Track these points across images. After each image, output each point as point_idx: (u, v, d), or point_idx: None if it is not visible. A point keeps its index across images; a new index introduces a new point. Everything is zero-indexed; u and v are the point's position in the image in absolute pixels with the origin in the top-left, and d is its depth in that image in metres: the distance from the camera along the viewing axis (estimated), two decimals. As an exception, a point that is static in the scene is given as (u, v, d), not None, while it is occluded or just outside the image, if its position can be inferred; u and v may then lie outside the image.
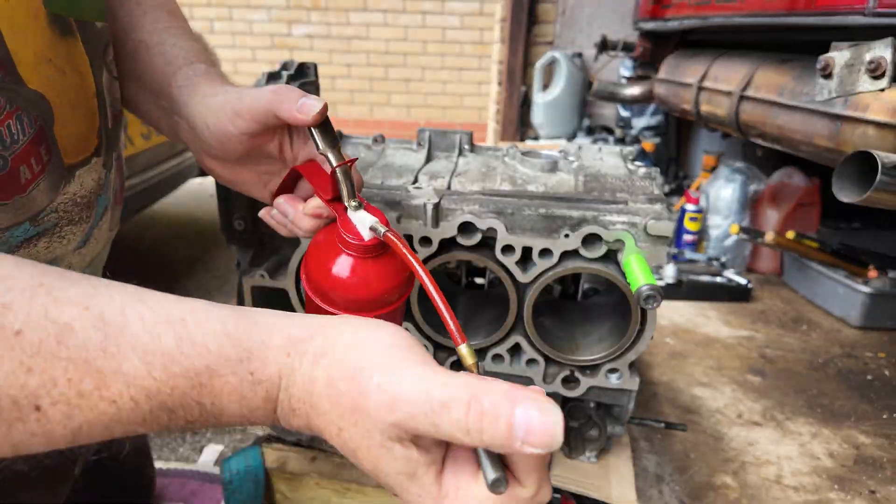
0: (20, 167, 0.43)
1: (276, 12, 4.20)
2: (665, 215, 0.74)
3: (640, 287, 0.61)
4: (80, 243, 0.53)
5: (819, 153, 1.63)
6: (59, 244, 0.50)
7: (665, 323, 2.19)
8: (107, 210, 0.57)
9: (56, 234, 0.49)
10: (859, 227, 2.60)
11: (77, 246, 0.53)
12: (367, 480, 0.94)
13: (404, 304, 0.56)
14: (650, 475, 1.40)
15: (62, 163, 0.48)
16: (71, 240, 0.51)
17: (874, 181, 0.96)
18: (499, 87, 3.96)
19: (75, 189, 0.50)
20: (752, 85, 1.93)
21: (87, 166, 0.51)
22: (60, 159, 0.47)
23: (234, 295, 0.90)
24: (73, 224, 0.51)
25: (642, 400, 1.67)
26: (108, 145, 0.55)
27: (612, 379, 0.82)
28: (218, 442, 1.48)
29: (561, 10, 3.76)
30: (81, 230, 0.52)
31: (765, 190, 2.63)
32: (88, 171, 0.51)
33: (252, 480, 0.95)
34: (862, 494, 1.37)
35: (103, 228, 0.57)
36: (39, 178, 0.45)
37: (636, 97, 2.89)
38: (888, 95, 1.33)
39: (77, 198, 0.50)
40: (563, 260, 0.76)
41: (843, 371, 1.91)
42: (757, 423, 1.62)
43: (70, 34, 0.48)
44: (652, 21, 2.58)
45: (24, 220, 0.45)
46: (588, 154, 0.99)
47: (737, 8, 1.97)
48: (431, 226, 0.76)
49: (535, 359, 0.83)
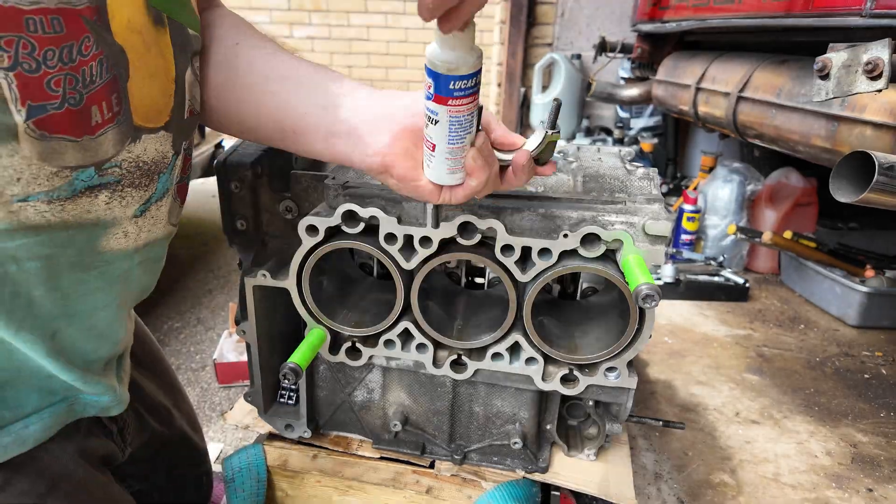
0: (92, 107, 0.47)
1: (278, 14, 4.21)
2: (663, 215, 0.75)
3: (639, 286, 0.62)
4: (138, 211, 0.56)
5: (816, 154, 1.64)
6: (118, 203, 0.53)
7: (663, 322, 2.20)
8: (167, 193, 0.61)
9: (117, 192, 0.53)
10: (856, 227, 2.61)
11: (135, 213, 0.56)
12: (367, 478, 0.94)
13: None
14: (648, 473, 1.41)
15: (131, 120, 0.51)
16: (131, 203, 0.55)
17: (871, 181, 0.96)
18: (498, 88, 3.96)
19: (139, 152, 0.53)
20: (750, 86, 1.94)
21: (156, 135, 0.55)
22: (130, 116, 0.51)
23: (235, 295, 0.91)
24: (134, 187, 0.54)
25: (640, 398, 1.68)
26: (178, 130, 0.59)
27: (610, 377, 0.83)
28: (219, 440, 1.49)
29: (560, 11, 3.77)
30: (141, 197, 0.56)
31: (762, 190, 2.64)
32: (154, 140, 0.55)
33: (254, 478, 0.96)
34: (859, 492, 1.38)
35: (163, 210, 0.61)
36: (109, 126, 0.49)
37: (634, 98, 2.90)
38: (885, 96, 1.33)
39: (140, 162, 0.54)
40: (562, 259, 0.77)
41: (840, 370, 1.92)
42: (755, 421, 1.63)
43: (161, 25, 0.53)
44: (650, 23, 2.59)
45: (90, 165, 0.49)
46: (587, 155, 1.00)
47: (734, 9, 1.98)
48: (432, 226, 0.77)
49: (535, 357, 0.84)
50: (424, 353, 0.86)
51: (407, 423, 0.97)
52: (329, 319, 0.86)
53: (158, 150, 0.56)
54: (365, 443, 1.02)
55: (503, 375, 0.88)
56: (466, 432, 0.97)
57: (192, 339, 1.99)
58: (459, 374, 0.87)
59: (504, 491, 0.90)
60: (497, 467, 0.96)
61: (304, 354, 0.80)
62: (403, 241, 0.78)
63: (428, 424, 0.98)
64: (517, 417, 0.94)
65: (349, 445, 1.01)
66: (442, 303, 0.91)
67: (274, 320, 0.93)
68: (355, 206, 0.77)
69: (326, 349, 0.88)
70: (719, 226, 2.66)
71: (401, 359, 0.89)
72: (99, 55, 0.46)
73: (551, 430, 0.96)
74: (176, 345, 1.95)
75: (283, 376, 0.75)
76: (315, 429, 1.01)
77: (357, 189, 0.81)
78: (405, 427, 0.97)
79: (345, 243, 0.79)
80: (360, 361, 0.89)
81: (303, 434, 0.99)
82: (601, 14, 3.72)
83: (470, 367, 0.86)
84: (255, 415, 1.03)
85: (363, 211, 0.77)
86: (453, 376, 0.87)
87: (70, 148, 0.46)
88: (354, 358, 0.89)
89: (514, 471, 0.96)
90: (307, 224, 0.78)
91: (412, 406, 0.97)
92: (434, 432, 0.98)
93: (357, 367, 0.95)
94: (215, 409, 1.63)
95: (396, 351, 0.87)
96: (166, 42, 0.54)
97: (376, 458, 0.99)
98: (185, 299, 2.25)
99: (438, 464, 0.98)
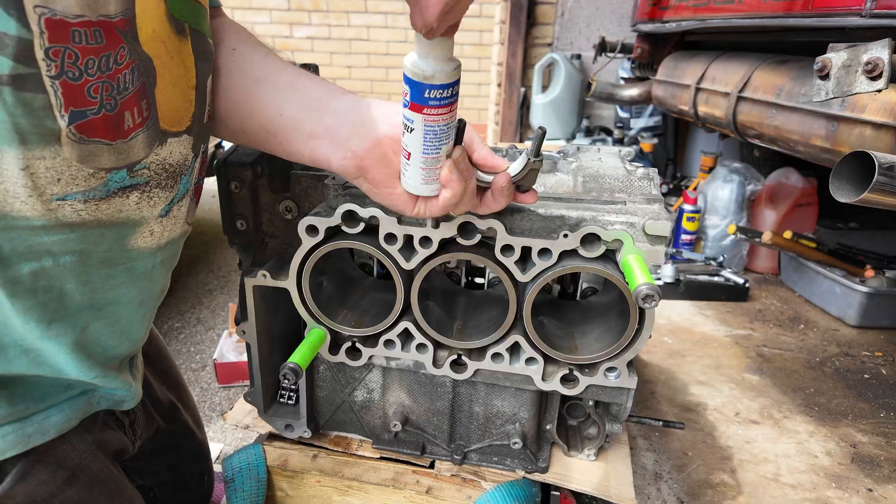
0: (125, 112, 0.50)
1: (278, 14, 4.21)
2: (663, 215, 0.75)
3: (639, 286, 0.62)
4: (163, 211, 0.59)
5: (816, 154, 1.64)
6: (147, 203, 0.57)
7: (663, 322, 2.20)
8: (187, 194, 0.64)
9: (146, 193, 0.56)
10: (856, 227, 2.61)
11: (160, 213, 0.59)
12: (367, 478, 0.94)
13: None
14: (648, 473, 1.41)
15: (159, 124, 0.55)
16: (157, 203, 0.58)
17: (871, 182, 0.96)
18: (498, 88, 3.96)
19: (165, 154, 0.56)
20: (750, 86, 1.94)
21: (179, 139, 0.58)
22: (157, 121, 0.54)
23: (235, 295, 0.91)
24: (161, 188, 0.58)
25: (640, 398, 1.68)
26: (199, 134, 0.62)
27: (610, 377, 0.83)
28: (219, 440, 1.49)
29: (560, 11, 3.76)
30: (166, 197, 0.59)
31: (762, 190, 2.64)
32: (179, 143, 0.58)
33: (254, 478, 0.96)
34: (859, 492, 1.38)
35: (182, 210, 0.64)
36: (139, 130, 0.52)
37: (634, 98, 2.90)
38: (885, 96, 1.33)
39: (166, 164, 0.57)
40: (562, 259, 0.77)
41: (840, 370, 1.92)
42: (755, 421, 1.63)
43: (183, 35, 0.56)
44: (650, 22, 2.59)
45: (123, 167, 0.52)
46: (587, 155, 1.00)
47: (734, 9, 1.97)
48: (432, 226, 0.77)
49: (534, 357, 0.84)
50: (424, 354, 0.86)
51: (407, 423, 0.97)
52: (329, 319, 0.86)
53: (181, 153, 0.59)
54: (365, 443, 1.02)
55: (503, 375, 0.88)
56: (466, 432, 0.97)
57: (192, 339, 1.99)
58: (459, 374, 0.87)
59: (504, 491, 0.90)
60: (497, 467, 0.96)
61: (304, 354, 0.80)
62: (403, 242, 0.78)
63: (428, 424, 0.98)
64: (517, 417, 0.94)
65: (349, 445, 1.01)
66: (442, 303, 0.91)
67: (274, 320, 0.93)
68: (355, 206, 0.77)
69: (326, 349, 0.88)
70: (719, 226, 2.66)
71: (401, 359, 0.89)
72: (132, 63, 0.49)
73: (551, 431, 0.96)
74: (176, 345, 1.95)
75: (283, 376, 0.75)
76: (315, 429, 1.01)
77: (357, 189, 0.81)
78: (405, 427, 0.97)
79: (345, 243, 0.79)
80: (360, 361, 0.89)
81: (303, 434, 0.99)
82: (601, 14, 3.72)
83: (470, 368, 0.86)
84: (254, 415, 1.03)
85: (363, 211, 0.77)
86: (453, 376, 0.87)
87: (105, 151, 0.50)
88: (354, 358, 0.89)
89: (513, 471, 0.96)
90: (307, 224, 0.78)
91: (412, 406, 0.97)
92: (434, 432, 0.98)
93: (357, 367, 0.95)
94: (215, 409, 1.63)
95: (396, 351, 0.87)
96: (188, 51, 0.57)
97: (376, 459, 0.99)
98: (185, 299, 2.25)
99: (438, 464, 0.98)
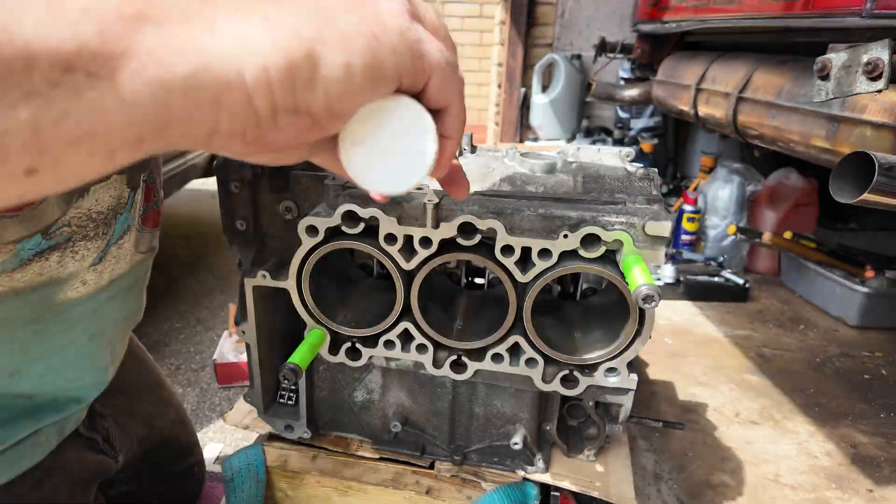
0: None
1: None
2: (663, 216, 0.75)
3: (639, 287, 0.61)
4: (95, 260, 0.54)
5: (816, 154, 1.64)
6: (71, 259, 0.51)
7: (663, 322, 2.20)
8: (129, 230, 0.57)
9: (69, 249, 0.50)
10: (856, 228, 2.62)
11: (92, 263, 0.53)
12: (367, 479, 0.94)
13: None
14: (648, 474, 1.40)
15: None
16: (85, 255, 0.52)
17: (871, 182, 0.96)
18: (498, 88, 3.96)
19: (90, 204, 0.50)
20: (750, 86, 1.94)
21: (105, 183, 0.52)
22: None
23: (235, 295, 0.91)
24: (87, 240, 0.51)
25: (641, 399, 1.68)
26: (133, 167, 0.55)
27: (610, 378, 0.83)
28: (219, 441, 1.49)
29: (560, 12, 3.77)
30: (96, 247, 0.53)
31: (762, 190, 2.65)
32: (105, 188, 0.52)
33: (253, 479, 0.96)
34: (859, 493, 1.38)
35: (125, 248, 0.58)
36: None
37: (634, 98, 2.90)
38: (885, 96, 1.33)
39: (92, 213, 0.51)
40: (562, 260, 0.76)
41: (840, 370, 1.92)
42: (755, 422, 1.63)
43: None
44: (650, 23, 2.59)
45: (35, 233, 0.46)
46: (587, 155, 1.00)
47: (735, 10, 1.97)
48: (431, 226, 0.76)
49: (534, 358, 0.84)
50: (424, 354, 0.86)
51: (407, 423, 0.97)
52: (329, 320, 0.85)
53: (112, 196, 0.53)
54: (365, 443, 1.01)
55: (503, 376, 0.88)
56: (466, 433, 0.97)
57: (192, 339, 1.99)
58: (459, 374, 0.87)
59: (503, 493, 0.90)
60: (497, 468, 0.96)
61: (304, 355, 0.80)
62: (403, 242, 0.78)
63: (428, 425, 0.98)
64: (517, 418, 0.94)
65: (349, 446, 1.01)
66: (442, 303, 0.91)
67: (274, 320, 0.93)
68: (355, 207, 0.77)
69: (326, 350, 0.88)
70: (719, 226, 2.66)
71: (401, 359, 0.89)
72: None
73: (551, 431, 0.96)
74: (176, 345, 1.95)
75: (282, 377, 0.75)
76: (315, 429, 1.01)
77: (357, 189, 0.81)
78: (405, 428, 0.97)
79: (345, 244, 0.79)
80: (359, 362, 0.89)
81: (302, 434, 0.99)
82: (601, 14, 3.72)
83: (470, 368, 0.86)
84: (254, 415, 1.03)
85: (363, 211, 0.77)
86: (453, 377, 0.87)
87: (10, 223, 0.44)
88: (354, 358, 0.89)
89: (513, 471, 0.95)
90: (307, 224, 0.78)
91: (412, 407, 0.97)
92: (434, 433, 0.98)
93: (357, 368, 0.95)
94: (215, 410, 1.63)
95: (396, 351, 0.87)
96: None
97: (376, 459, 0.99)
98: (185, 299, 2.25)
99: (438, 464, 0.97)
